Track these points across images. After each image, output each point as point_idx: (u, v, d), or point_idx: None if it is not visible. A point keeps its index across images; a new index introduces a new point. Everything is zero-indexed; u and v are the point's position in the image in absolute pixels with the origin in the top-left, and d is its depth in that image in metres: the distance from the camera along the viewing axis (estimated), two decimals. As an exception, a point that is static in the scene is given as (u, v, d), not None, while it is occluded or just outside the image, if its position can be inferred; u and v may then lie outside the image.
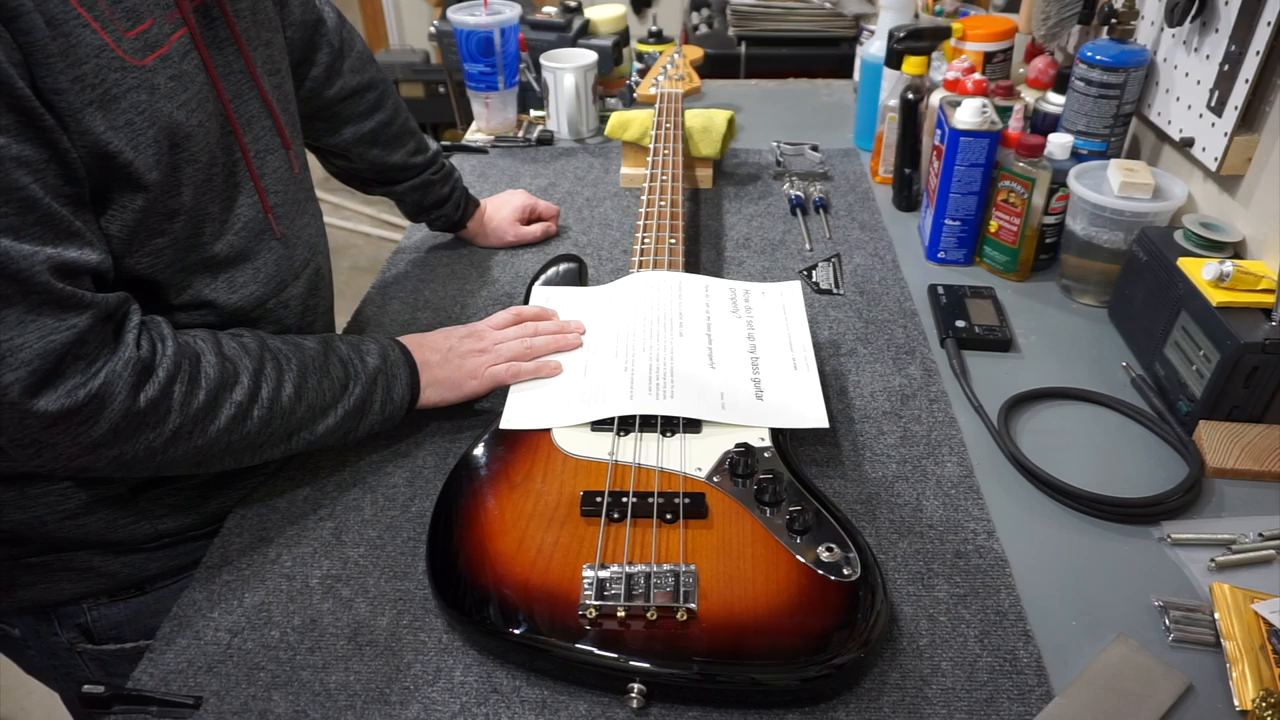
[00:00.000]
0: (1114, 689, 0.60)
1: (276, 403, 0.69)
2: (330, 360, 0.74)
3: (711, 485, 0.70)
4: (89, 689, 0.59)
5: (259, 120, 0.75)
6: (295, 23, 0.89)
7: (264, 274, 0.75)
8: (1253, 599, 0.65)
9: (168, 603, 0.69)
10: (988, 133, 1.00)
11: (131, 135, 0.60)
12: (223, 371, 0.66)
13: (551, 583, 0.62)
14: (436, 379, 0.81)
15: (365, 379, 0.75)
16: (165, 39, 0.63)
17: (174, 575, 0.80)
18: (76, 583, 0.77)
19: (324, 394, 0.73)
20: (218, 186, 0.69)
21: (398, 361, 0.79)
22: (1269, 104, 0.90)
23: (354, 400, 0.74)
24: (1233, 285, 0.79)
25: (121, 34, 0.59)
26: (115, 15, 0.59)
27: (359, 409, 0.75)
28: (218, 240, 0.70)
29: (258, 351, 0.70)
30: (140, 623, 0.80)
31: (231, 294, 0.72)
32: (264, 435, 0.69)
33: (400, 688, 0.61)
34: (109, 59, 0.58)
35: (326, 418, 0.73)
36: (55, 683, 0.86)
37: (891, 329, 0.98)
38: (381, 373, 0.77)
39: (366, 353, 0.77)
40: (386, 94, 1.01)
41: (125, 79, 0.59)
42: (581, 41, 1.51)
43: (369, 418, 0.76)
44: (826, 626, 0.60)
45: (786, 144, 1.41)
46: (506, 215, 1.15)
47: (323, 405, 0.73)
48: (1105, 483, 0.76)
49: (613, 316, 0.87)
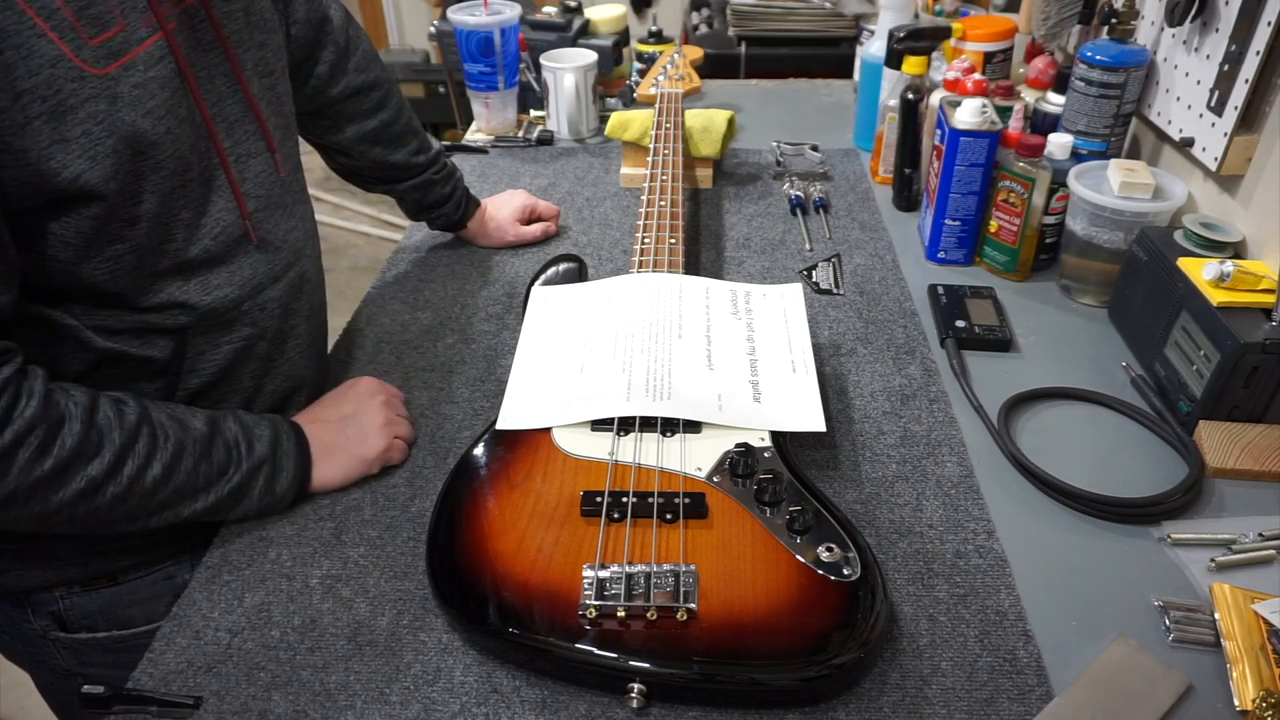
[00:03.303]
0: (1114, 689, 0.60)
1: (138, 482, 0.65)
2: (214, 443, 0.70)
3: (711, 485, 0.70)
4: (89, 689, 0.59)
5: (242, 124, 0.74)
6: (300, 20, 0.89)
7: (239, 277, 0.74)
8: (1253, 599, 0.65)
9: (140, 594, 0.69)
10: (988, 133, 1.00)
11: (88, 145, 0.59)
12: (83, 442, 0.62)
13: (551, 583, 0.62)
14: (334, 456, 0.77)
15: (248, 467, 0.72)
16: (135, 44, 0.62)
17: (147, 567, 0.80)
18: (48, 571, 0.77)
19: (197, 478, 0.69)
20: (190, 192, 0.69)
21: (287, 452, 0.75)
22: (1269, 104, 0.90)
23: (229, 488, 0.71)
24: (1233, 285, 0.79)
25: (83, 42, 0.58)
26: (80, 23, 0.58)
27: (235, 495, 0.72)
28: (190, 244, 0.69)
29: (134, 426, 0.66)
30: (113, 613, 0.80)
31: (205, 295, 0.72)
32: (118, 512, 0.66)
33: (400, 688, 0.61)
34: (65, 69, 0.57)
35: (195, 501, 0.69)
36: (30, 668, 0.86)
37: (891, 329, 0.98)
38: (267, 462, 0.73)
39: (256, 439, 0.73)
40: (390, 93, 1.01)
41: (83, 89, 0.58)
42: (581, 41, 1.51)
43: (244, 504, 0.73)
44: (826, 626, 0.60)
45: (786, 144, 1.41)
46: (506, 215, 1.15)
47: (192, 489, 0.69)
48: (1105, 483, 0.76)
49: (612, 316, 0.87)
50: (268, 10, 0.79)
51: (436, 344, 0.97)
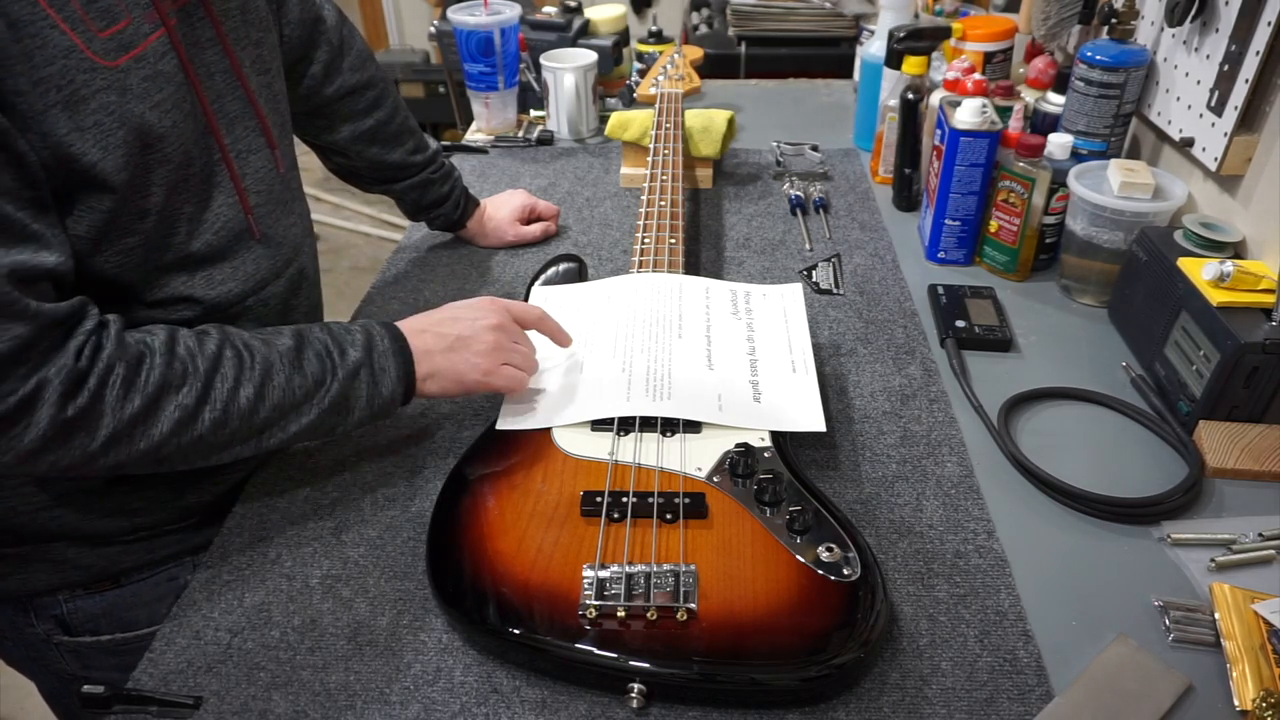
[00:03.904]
0: (1114, 689, 0.60)
1: (233, 404, 0.65)
2: (304, 355, 0.69)
3: (711, 485, 0.70)
4: (89, 689, 0.59)
5: (242, 120, 0.75)
6: (294, 20, 0.89)
7: (242, 272, 0.75)
8: (1253, 599, 0.65)
9: (144, 596, 0.68)
10: (988, 133, 1.00)
11: (100, 136, 0.60)
12: (167, 374, 0.63)
13: (551, 583, 0.62)
14: (437, 369, 0.74)
15: (344, 374, 0.70)
16: (142, 39, 0.63)
17: (150, 569, 0.80)
18: (51, 574, 0.77)
19: (293, 392, 0.68)
20: (193, 186, 0.69)
21: (385, 352, 0.72)
22: (1269, 104, 0.90)
23: (331, 398, 0.69)
24: (1233, 285, 0.79)
25: (93, 34, 0.59)
26: (89, 16, 0.59)
27: (339, 406, 0.70)
28: (193, 239, 0.70)
29: (215, 350, 0.66)
30: (116, 616, 0.80)
31: (210, 291, 0.72)
32: (222, 436, 0.66)
33: (400, 688, 0.61)
34: (78, 60, 0.58)
35: (301, 416, 0.68)
36: (33, 674, 0.86)
37: (891, 329, 0.98)
38: (365, 366, 0.71)
39: (349, 344, 0.71)
40: (386, 92, 1.01)
41: (95, 80, 0.59)
42: (581, 41, 1.51)
43: (354, 414, 0.71)
44: (826, 626, 0.60)
45: (786, 144, 1.41)
46: (506, 215, 1.15)
47: (292, 403, 0.68)
48: (1105, 483, 0.76)
49: (612, 316, 0.87)
50: (263, 9, 0.79)
51: (436, 344, 0.97)
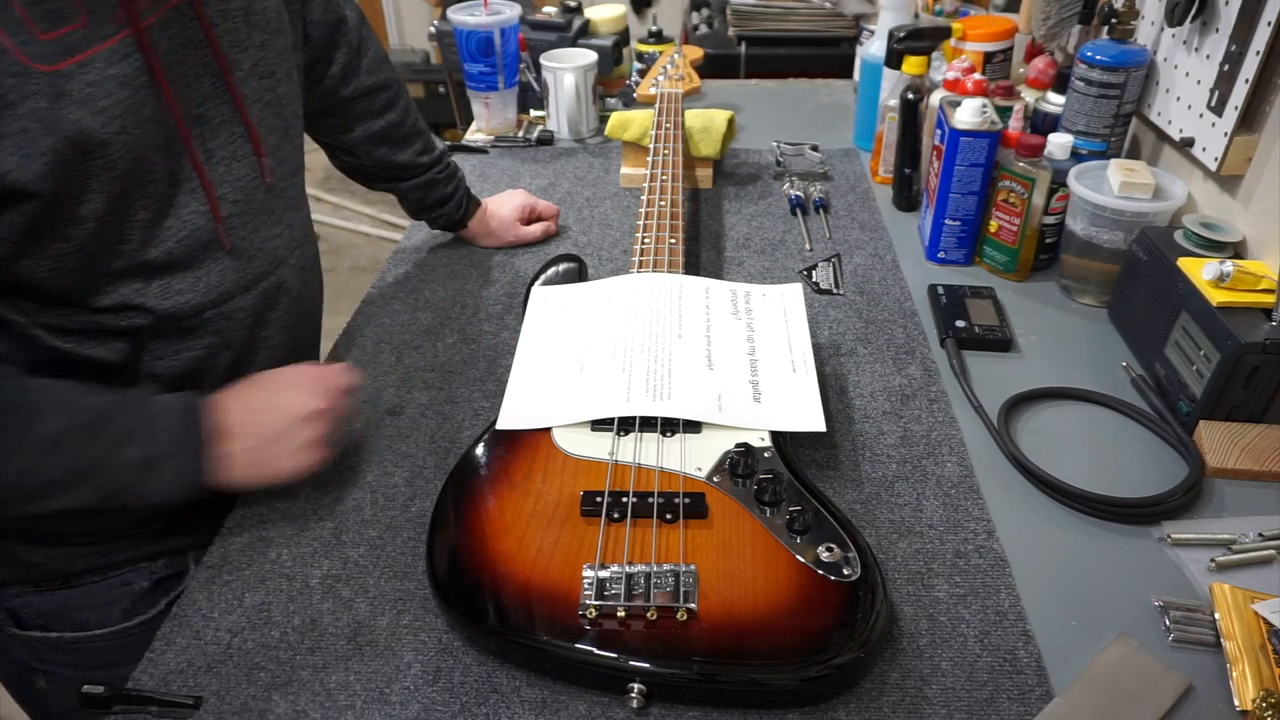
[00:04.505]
0: (1114, 689, 0.60)
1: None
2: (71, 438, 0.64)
3: (711, 485, 0.70)
4: (89, 689, 0.59)
5: (227, 126, 0.73)
6: (317, 21, 0.89)
7: (204, 284, 0.73)
8: (1253, 599, 0.65)
9: (95, 598, 0.67)
10: (988, 133, 1.00)
11: (24, 143, 0.58)
12: None
13: (551, 583, 0.62)
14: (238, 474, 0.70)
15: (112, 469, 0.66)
16: (96, 42, 0.61)
17: (102, 572, 0.79)
18: (2, 568, 0.76)
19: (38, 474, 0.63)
20: (153, 193, 0.67)
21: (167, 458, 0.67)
22: (1269, 104, 0.90)
23: (95, 489, 0.65)
24: (1233, 285, 0.79)
25: (32, 37, 0.57)
26: (31, 17, 0.57)
27: (107, 495, 0.66)
28: (150, 246, 0.68)
29: None
30: (67, 616, 0.79)
31: (164, 300, 0.70)
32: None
33: (400, 688, 0.61)
34: (6, 64, 0.56)
35: (61, 495, 0.64)
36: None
37: (891, 329, 0.98)
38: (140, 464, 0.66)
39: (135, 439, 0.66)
40: (399, 94, 1.01)
41: (25, 85, 0.57)
42: (581, 41, 1.51)
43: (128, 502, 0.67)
44: (826, 626, 0.60)
45: (786, 144, 1.41)
46: (507, 215, 1.15)
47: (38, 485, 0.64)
48: (1105, 483, 0.76)
49: (612, 315, 0.87)
50: (273, 11, 0.78)
51: (436, 344, 0.97)
